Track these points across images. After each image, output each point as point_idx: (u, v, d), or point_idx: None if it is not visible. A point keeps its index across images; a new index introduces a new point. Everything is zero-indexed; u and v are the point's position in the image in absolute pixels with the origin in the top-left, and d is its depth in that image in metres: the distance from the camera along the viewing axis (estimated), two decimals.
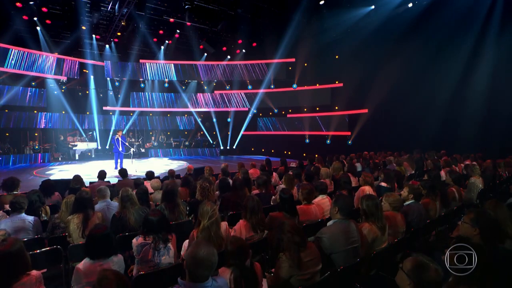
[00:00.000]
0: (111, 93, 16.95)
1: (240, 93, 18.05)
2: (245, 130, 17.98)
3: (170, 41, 15.11)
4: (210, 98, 18.29)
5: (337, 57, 13.62)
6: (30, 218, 3.21)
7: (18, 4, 10.70)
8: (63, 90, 15.54)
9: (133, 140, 16.93)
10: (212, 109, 18.18)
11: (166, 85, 17.72)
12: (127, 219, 3.26)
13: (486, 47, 9.02)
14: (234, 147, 18.35)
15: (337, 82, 14.38)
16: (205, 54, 16.50)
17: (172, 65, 16.84)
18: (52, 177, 8.98)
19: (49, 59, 14.26)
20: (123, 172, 5.90)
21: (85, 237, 2.63)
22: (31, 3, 10.70)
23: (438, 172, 5.08)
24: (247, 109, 17.90)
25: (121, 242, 2.96)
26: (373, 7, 11.35)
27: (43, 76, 14.50)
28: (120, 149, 11.34)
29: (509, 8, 8.63)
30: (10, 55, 13.23)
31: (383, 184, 4.57)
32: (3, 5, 10.50)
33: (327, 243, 2.47)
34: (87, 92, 16.48)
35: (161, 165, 13.20)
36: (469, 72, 9.30)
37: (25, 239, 2.88)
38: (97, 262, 2.16)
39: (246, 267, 1.98)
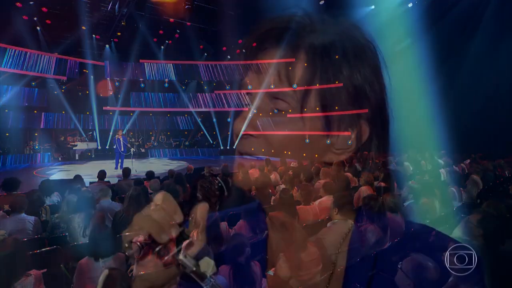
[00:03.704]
0: (111, 93, 16.96)
1: (240, 93, 18.02)
2: (245, 130, 17.94)
3: (170, 41, 15.11)
4: (210, 98, 18.27)
5: (337, 57, 13.59)
6: (30, 218, 3.21)
7: (18, 4, 10.70)
8: (63, 90, 15.55)
9: (133, 140, 16.93)
10: (212, 109, 18.16)
11: (166, 85, 17.68)
12: (130, 218, 3.26)
13: (487, 47, 9.03)
14: (234, 147, 18.33)
15: (337, 82, 14.34)
16: (205, 54, 16.49)
17: (172, 65, 16.82)
18: (52, 177, 8.97)
19: (49, 59, 14.25)
20: (126, 172, 5.90)
21: (86, 236, 2.66)
22: (31, 3, 10.71)
23: (438, 172, 5.08)
24: (247, 109, 17.86)
25: (121, 242, 2.96)
26: (373, 7, 11.35)
27: (43, 76, 14.49)
28: (122, 149, 11.33)
29: (507, 6, 8.64)
30: (10, 55, 13.23)
31: (383, 184, 4.57)
32: (3, 5, 10.50)
33: (328, 243, 2.47)
34: (87, 92, 16.47)
35: (161, 165, 13.19)
36: (469, 71, 9.30)
37: (25, 239, 2.88)
38: (100, 260, 2.23)
39: (243, 264, 1.99)
